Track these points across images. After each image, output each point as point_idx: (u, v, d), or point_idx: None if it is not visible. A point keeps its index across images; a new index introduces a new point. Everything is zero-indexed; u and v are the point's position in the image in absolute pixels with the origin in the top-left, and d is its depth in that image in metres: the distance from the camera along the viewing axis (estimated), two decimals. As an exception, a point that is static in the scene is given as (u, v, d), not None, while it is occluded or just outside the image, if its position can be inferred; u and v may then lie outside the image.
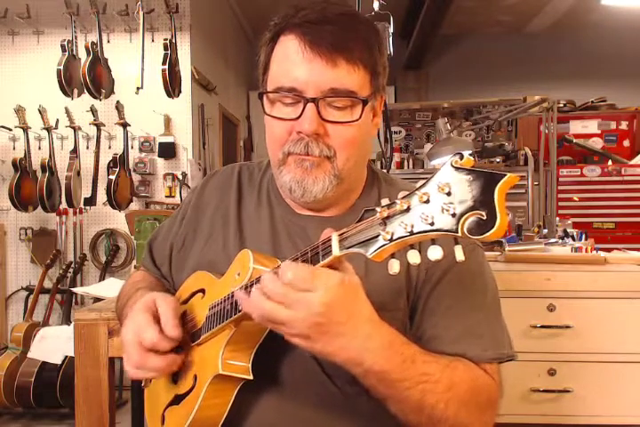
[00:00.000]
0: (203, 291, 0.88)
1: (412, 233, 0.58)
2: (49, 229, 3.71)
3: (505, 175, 0.53)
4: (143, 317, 0.81)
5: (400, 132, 4.84)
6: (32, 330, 3.06)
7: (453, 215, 0.55)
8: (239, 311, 0.73)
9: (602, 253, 2.02)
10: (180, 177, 3.63)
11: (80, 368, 1.39)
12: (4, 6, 3.63)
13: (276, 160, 0.88)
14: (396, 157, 4.40)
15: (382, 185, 0.97)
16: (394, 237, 0.59)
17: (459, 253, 0.57)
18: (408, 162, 4.54)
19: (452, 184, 0.55)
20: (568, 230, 2.40)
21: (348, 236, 0.64)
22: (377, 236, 0.60)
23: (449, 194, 0.55)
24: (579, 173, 3.96)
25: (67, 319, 3.24)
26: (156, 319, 0.81)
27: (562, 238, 2.31)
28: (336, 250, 0.65)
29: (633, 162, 4.05)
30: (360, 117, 0.84)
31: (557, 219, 2.62)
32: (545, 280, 1.73)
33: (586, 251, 2.09)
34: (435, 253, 0.58)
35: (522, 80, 5.83)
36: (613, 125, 4.52)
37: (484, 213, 0.53)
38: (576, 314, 1.72)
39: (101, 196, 3.47)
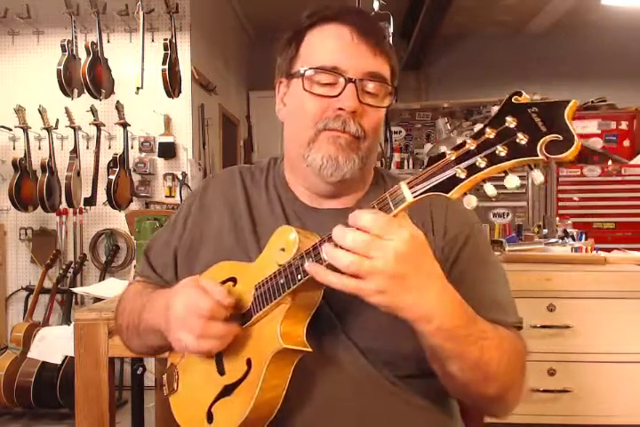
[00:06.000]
0: (233, 279, 0.86)
1: (489, 165, 0.60)
2: (49, 229, 3.71)
3: (569, 101, 0.57)
4: (193, 290, 0.80)
5: (400, 132, 4.84)
6: (32, 330, 3.06)
7: (528, 142, 0.58)
8: (298, 281, 0.73)
9: (602, 253, 2.02)
10: (180, 177, 3.63)
11: (80, 368, 1.39)
12: (3, 6, 3.63)
13: (307, 138, 0.90)
14: (396, 157, 4.40)
15: (387, 181, 1.02)
16: (471, 173, 0.61)
17: (538, 177, 0.59)
18: (408, 162, 4.54)
19: (519, 117, 0.59)
20: (568, 230, 2.40)
21: (417, 182, 0.65)
22: (452, 175, 0.62)
23: (518, 126, 0.59)
24: (579, 173, 3.95)
25: (67, 319, 3.23)
26: (206, 292, 0.81)
27: (562, 238, 2.31)
28: (409, 196, 0.65)
29: (633, 162, 4.04)
30: (389, 105, 0.91)
31: (557, 219, 2.62)
32: (545, 280, 1.73)
33: (586, 251, 2.09)
34: (512, 181, 0.60)
35: (522, 80, 5.83)
36: (613, 125, 4.51)
37: (559, 136, 0.57)
38: (576, 314, 1.72)
39: (101, 196, 3.47)
